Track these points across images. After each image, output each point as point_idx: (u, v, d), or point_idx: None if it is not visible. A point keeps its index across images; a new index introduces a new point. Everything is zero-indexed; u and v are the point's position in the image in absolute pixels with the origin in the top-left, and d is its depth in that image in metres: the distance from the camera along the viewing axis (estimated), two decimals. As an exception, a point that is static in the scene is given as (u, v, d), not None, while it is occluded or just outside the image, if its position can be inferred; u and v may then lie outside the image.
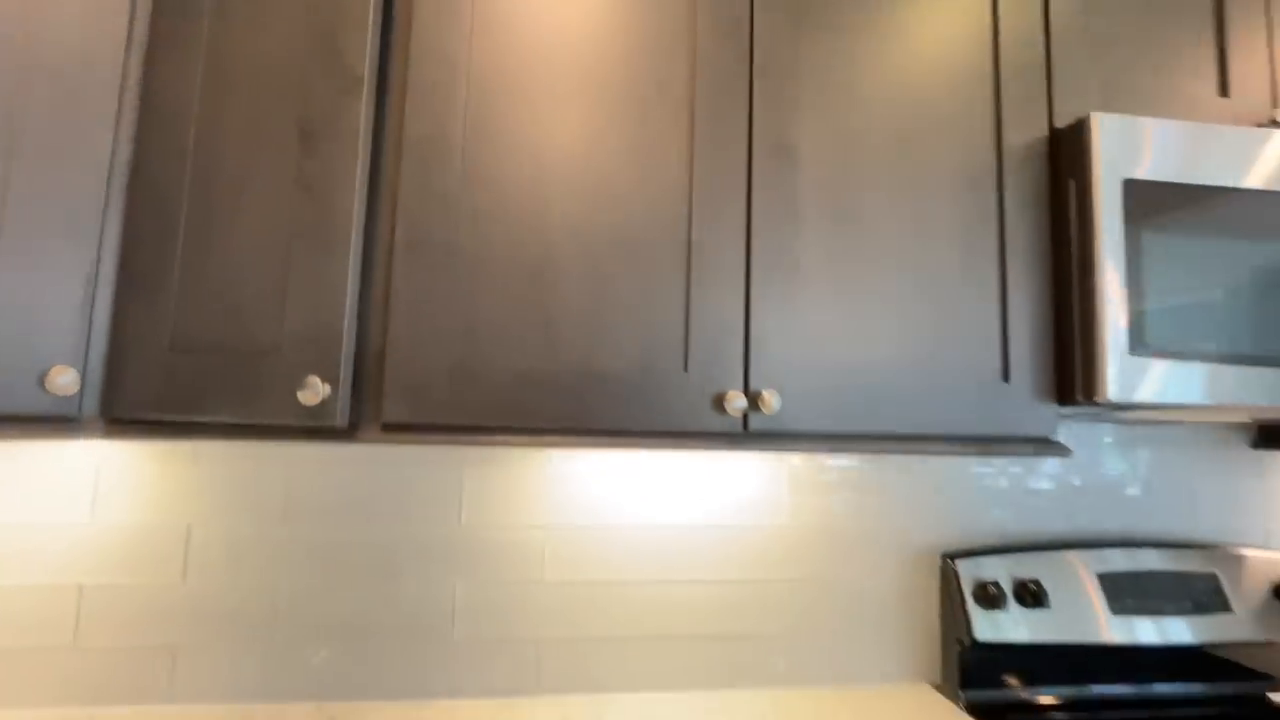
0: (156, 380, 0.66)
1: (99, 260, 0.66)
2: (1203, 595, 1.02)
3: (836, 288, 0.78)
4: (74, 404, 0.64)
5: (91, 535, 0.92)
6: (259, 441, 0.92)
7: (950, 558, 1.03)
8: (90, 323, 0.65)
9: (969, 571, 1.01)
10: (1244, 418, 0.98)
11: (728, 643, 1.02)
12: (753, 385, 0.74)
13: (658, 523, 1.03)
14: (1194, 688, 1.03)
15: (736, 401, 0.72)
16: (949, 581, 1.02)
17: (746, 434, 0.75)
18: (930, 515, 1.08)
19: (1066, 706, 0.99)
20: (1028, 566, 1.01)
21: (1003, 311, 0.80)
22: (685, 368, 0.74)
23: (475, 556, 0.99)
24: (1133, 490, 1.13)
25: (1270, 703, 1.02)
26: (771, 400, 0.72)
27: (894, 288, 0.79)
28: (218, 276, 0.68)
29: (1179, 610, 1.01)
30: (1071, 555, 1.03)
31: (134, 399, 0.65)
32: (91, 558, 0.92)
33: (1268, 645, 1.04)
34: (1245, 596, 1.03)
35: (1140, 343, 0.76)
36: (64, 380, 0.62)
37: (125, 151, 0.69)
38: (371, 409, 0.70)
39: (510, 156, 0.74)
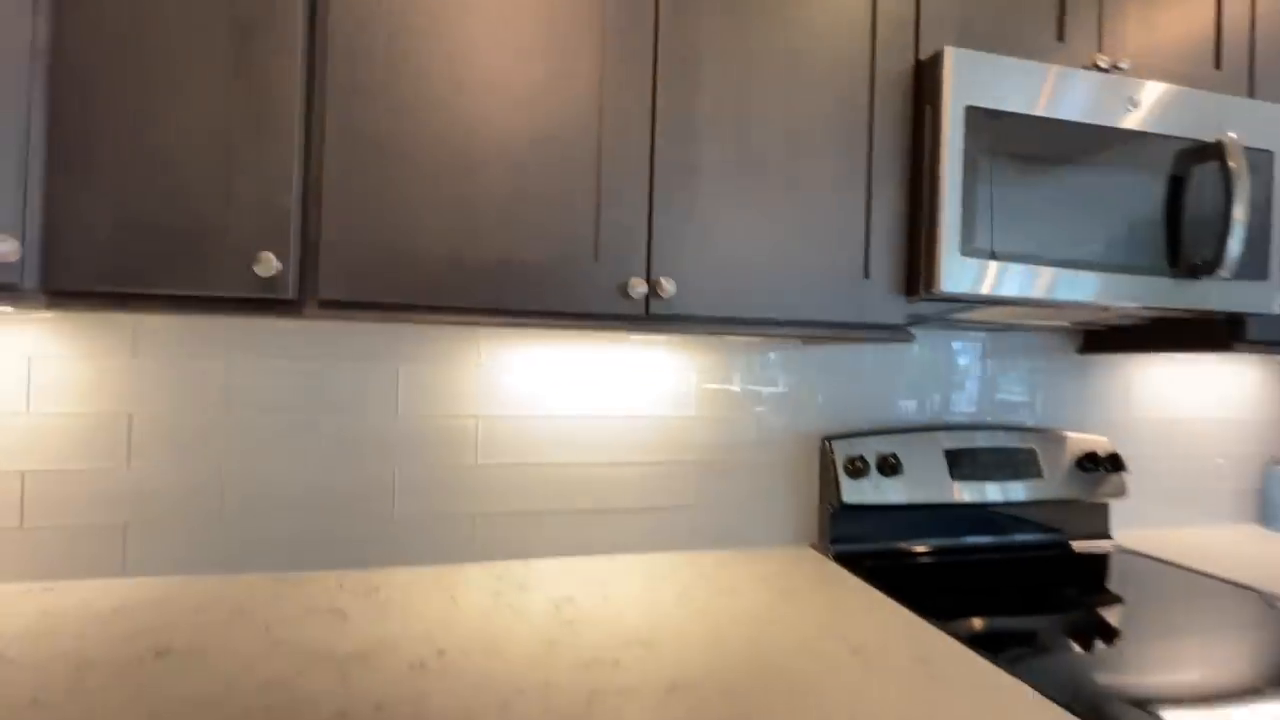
0: (103, 254, 0.71)
1: (28, 137, 0.69)
2: (1022, 465, 1.26)
3: (729, 191, 0.90)
4: (16, 271, 0.68)
5: (30, 426, 0.96)
6: (204, 316, 0.98)
7: (828, 439, 1.22)
8: (25, 197, 0.69)
9: (842, 450, 1.20)
10: (1063, 320, 1.20)
11: (641, 514, 1.18)
12: (653, 274, 0.86)
13: (580, 413, 1.16)
14: (1009, 538, 1.28)
15: (638, 288, 0.84)
16: (826, 459, 1.22)
17: (647, 317, 0.87)
18: (814, 408, 1.26)
19: (915, 554, 1.22)
20: (889, 445, 1.21)
21: (867, 218, 0.95)
22: (596, 258, 0.85)
23: (412, 443, 1.09)
24: (982, 387, 1.35)
25: (1071, 548, 1.29)
26: (668, 287, 0.84)
27: (777, 194, 0.92)
28: (157, 159, 0.73)
29: (1003, 476, 1.24)
30: (925, 435, 1.24)
31: (80, 272, 0.70)
32: (32, 447, 0.96)
33: (1069, 504, 1.30)
34: (1054, 466, 1.28)
35: (971, 245, 0.92)
36: (4, 248, 0.66)
37: (45, 32, 0.70)
38: (310, 287, 0.78)
39: (432, 56, 0.80)
